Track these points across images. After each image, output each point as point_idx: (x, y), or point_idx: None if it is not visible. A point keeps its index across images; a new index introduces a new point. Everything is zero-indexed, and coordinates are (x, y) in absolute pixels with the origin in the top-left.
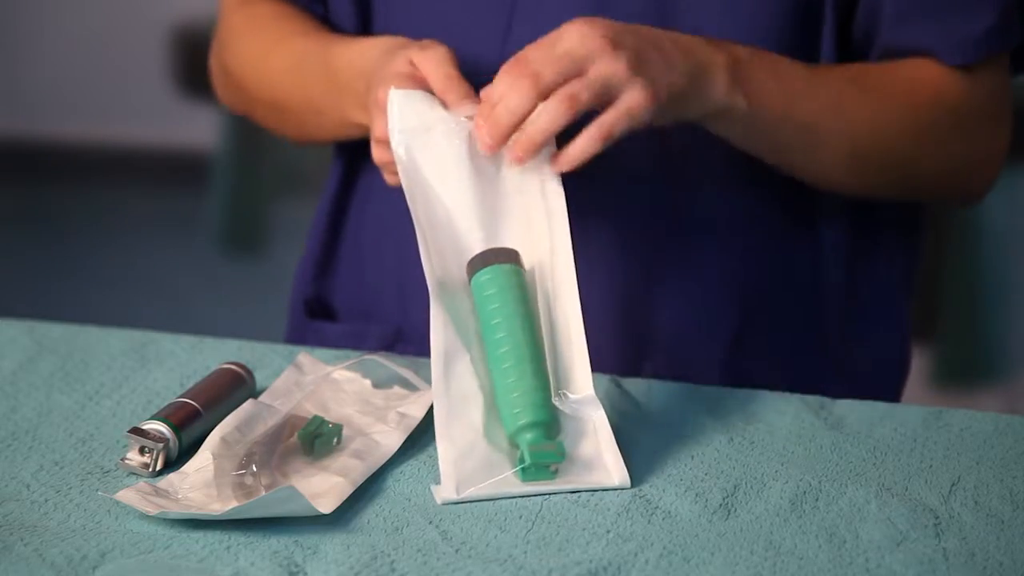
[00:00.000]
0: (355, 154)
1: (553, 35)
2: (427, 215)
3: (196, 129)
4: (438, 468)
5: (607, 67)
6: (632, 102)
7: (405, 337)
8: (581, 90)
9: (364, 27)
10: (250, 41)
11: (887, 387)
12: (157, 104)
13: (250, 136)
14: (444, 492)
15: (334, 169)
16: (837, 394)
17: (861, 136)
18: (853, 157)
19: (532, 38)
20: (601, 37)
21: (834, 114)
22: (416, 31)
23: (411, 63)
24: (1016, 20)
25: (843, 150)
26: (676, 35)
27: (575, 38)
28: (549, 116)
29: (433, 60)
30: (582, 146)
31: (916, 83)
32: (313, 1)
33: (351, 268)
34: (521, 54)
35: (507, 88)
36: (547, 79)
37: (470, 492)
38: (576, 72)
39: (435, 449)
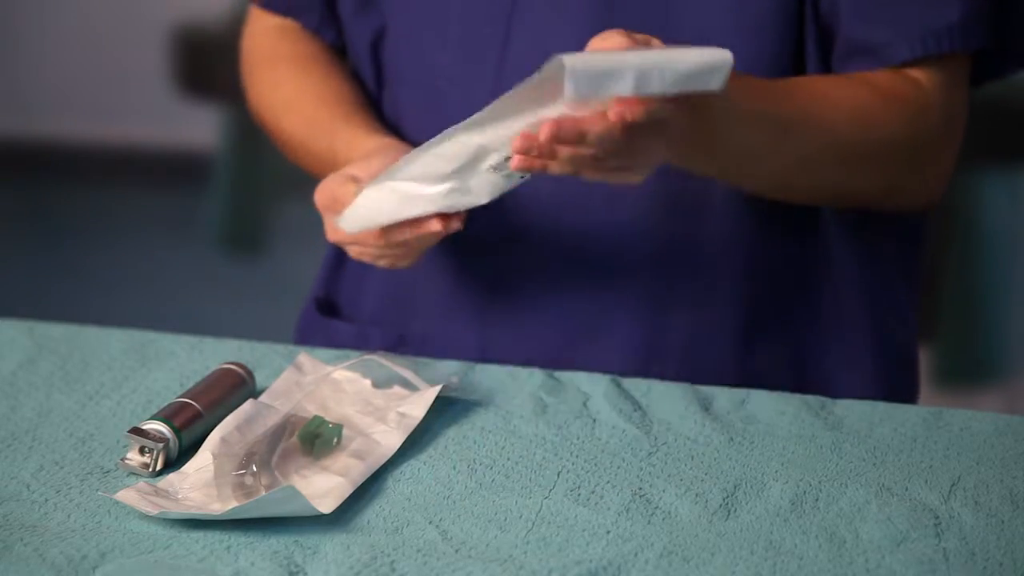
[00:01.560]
0: None
1: None
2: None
3: (196, 129)
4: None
5: None
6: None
7: (407, 342)
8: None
9: (375, 49)
10: (267, 89)
11: (902, 384)
12: (157, 104)
13: (250, 136)
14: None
15: None
16: (849, 392)
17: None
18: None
19: (531, 49)
20: None
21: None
22: (417, 44)
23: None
24: (980, 23)
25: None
26: None
27: None
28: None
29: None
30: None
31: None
32: (327, 29)
33: (358, 272)
34: None
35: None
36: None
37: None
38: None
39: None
